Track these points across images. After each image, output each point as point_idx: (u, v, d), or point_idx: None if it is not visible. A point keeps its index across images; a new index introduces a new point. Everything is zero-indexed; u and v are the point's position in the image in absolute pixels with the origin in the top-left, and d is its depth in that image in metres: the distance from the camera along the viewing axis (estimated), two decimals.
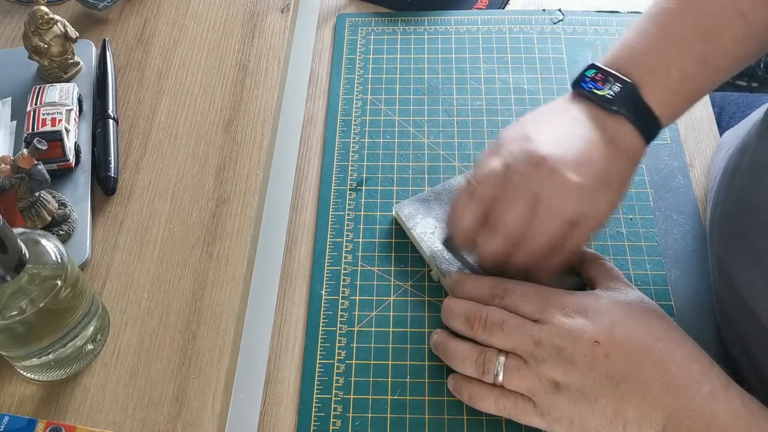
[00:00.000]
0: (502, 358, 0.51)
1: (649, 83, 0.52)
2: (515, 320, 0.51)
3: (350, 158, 0.69)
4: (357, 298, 0.60)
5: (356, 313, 0.59)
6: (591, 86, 0.53)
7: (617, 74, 0.53)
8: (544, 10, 0.79)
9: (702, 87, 0.54)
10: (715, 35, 0.52)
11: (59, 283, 0.46)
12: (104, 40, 0.70)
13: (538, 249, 0.52)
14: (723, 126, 0.74)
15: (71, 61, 0.67)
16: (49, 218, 0.56)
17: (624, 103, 0.52)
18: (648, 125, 0.53)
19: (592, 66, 0.54)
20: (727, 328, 0.56)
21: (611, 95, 0.52)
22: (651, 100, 0.52)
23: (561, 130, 0.53)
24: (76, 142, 0.61)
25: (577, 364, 0.49)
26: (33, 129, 0.59)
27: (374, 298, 0.60)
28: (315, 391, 0.56)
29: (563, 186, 0.50)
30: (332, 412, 0.55)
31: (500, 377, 0.51)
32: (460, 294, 0.56)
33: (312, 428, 0.54)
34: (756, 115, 0.62)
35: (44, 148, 0.52)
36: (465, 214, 0.54)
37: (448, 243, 0.59)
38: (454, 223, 0.56)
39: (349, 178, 0.67)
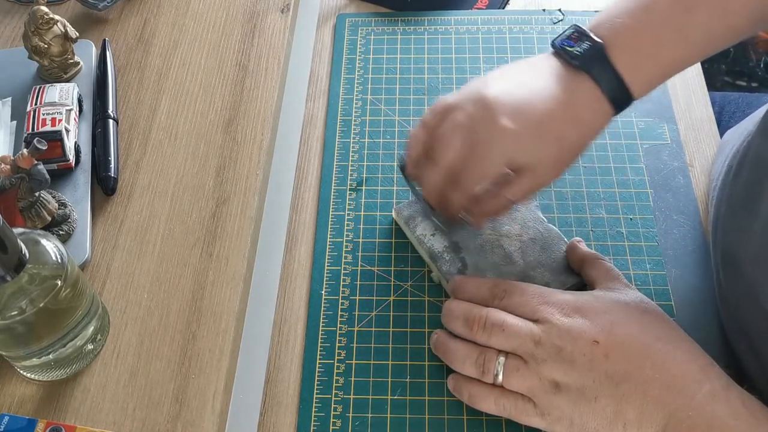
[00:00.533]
0: (501, 359, 0.51)
1: (619, 44, 0.52)
2: (515, 321, 0.51)
3: (350, 158, 0.69)
4: (357, 298, 0.60)
5: (356, 313, 0.59)
6: (565, 44, 0.54)
7: (589, 33, 0.53)
8: (544, 10, 0.79)
9: (677, 57, 0.54)
10: (692, 5, 0.52)
11: (59, 283, 0.46)
12: (104, 40, 0.70)
13: (471, 186, 0.53)
14: (723, 126, 0.74)
15: (71, 61, 0.67)
16: (49, 218, 0.56)
17: (588, 61, 0.52)
18: (612, 87, 0.52)
19: (574, 26, 0.55)
20: (732, 324, 0.56)
21: (578, 52, 0.53)
22: (618, 62, 0.52)
23: (520, 79, 0.54)
24: (76, 142, 0.61)
25: (577, 363, 0.49)
26: (33, 129, 0.59)
27: (374, 298, 0.60)
28: (315, 391, 0.56)
29: (493, 127, 0.51)
30: (332, 412, 0.55)
31: (500, 377, 0.51)
32: (460, 296, 0.56)
33: (312, 428, 0.54)
34: (759, 114, 0.62)
35: (44, 148, 0.52)
36: (414, 141, 0.56)
37: (403, 169, 0.60)
38: (406, 150, 0.58)
39: (349, 178, 0.67)
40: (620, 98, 0.53)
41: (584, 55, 0.53)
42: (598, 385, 0.48)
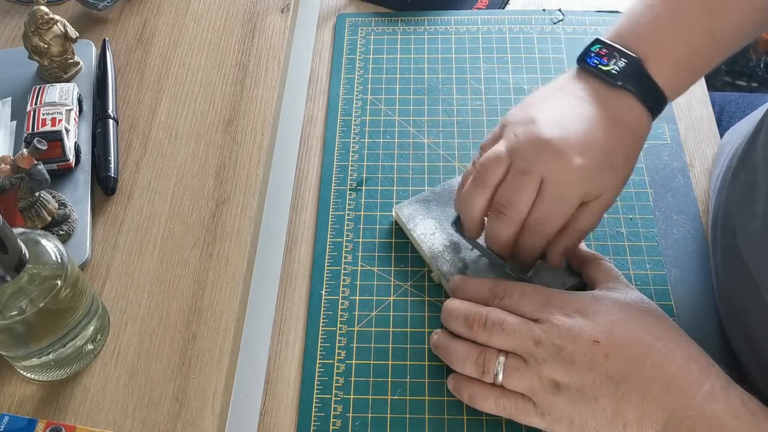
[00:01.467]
0: (502, 358, 0.51)
1: (655, 57, 0.52)
2: (515, 320, 0.51)
3: (350, 158, 0.69)
4: (357, 298, 0.60)
5: (356, 313, 0.59)
6: (596, 61, 0.53)
7: (622, 49, 0.53)
8: (544, 10, 0.79)
9: (709, 61, 0.54)
10: (721, 8, 0.52)
11: (59, 283, 0.46)
12: (104, 40, 0.70)
13: (548, 231, 0.52)
14: (723, 126, 0.74)
15: (71, 61, 0.67)
16: (49, 218, 0.56)
17: (629, 79, 0.52)
18: (653, 100, 0.53)
19: (597, 41, 0.54)
20: (731, 324, 0.56)
21: (616, 71, 0.52)
22: (657, 75, 0.52)
23: (564, 110, 0.53)
24: (76, 142, 0.61)
25: (577, 363, 0.49)
26: (33, 129, 0.59)
27: (374, 298, 0.60)
28: (315, 391, 0.56)
29: (568, 169, 0.50)
30: (332, 412, 0.55)
31: (500, 377, 0.51)
32: (460, 296, 0.56)
33: (312, 428, 0.54)
34: (758, 114, 0.63)
35: (44, 148, 0.52)
36: (473, 202, 0.54)
37: (459, 229, 0.58)
38: (463, 211, 0.56)
39: (349, 178, 0.67)
40: (658, 105, 0.53)
41: (623, 73, 0.52)
42: (598, 385, 0.48)
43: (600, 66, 0.53)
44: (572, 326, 0.50)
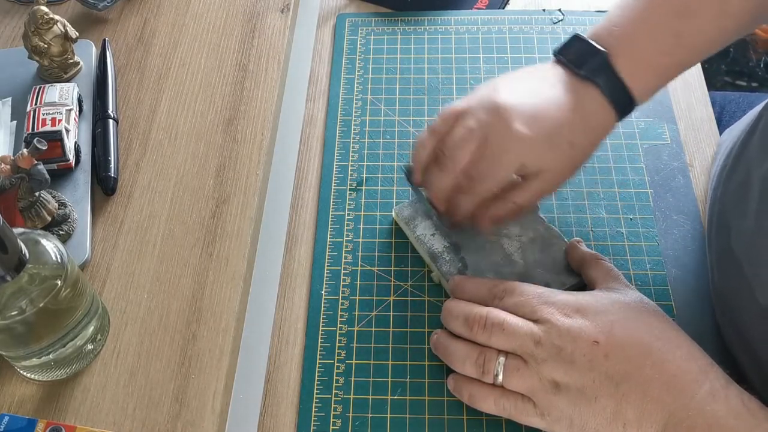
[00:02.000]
0: (501, 359, 0.51)
1: (622, 54, 0.54)
2: (515, 320, 0.51)
3: (350, 158, 0.69)
4: (357, 298, 0.60)
5: (356, 313, 0.59)
6: None
7: (593, 44, 0.54)
8: (544, 10, 0.79)
9: (675, 63, 0.55)
10: (688, 11, 0.53)
11: (59, 283, 0.46)
12: (104, 40, 0.70)
13: (481, 191, 0.54)
14: (724, 125, 0.74)
15: (71, 61, 0.67)
16: (49, 218, 0.56)
17: (594, 70, 0.54)
18: (618, 95, 0.54)
19: (575, 36, 0.56)
20: (727, 323, 0.56)
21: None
22: (623, 71, 0.53)
23: (527, 86, 0.55)
24: (76, 142, 0.61)
25: (577, 364, 0.49)
26: (33, 129, 0.59)
27: (374, 298, 0.60)
28: (315, 391, 0.56)
29: (508, 133, 0.52)
30: (332, 412, 0.55)
31: (500, 377, 0.51)
32: (460, 296, 0.56)
33: (312, 428, 0.54)
34: (753, 113, 0.63)
35: (44, 148, 0.52)
36: (421, 147, 0.57)
37: (409, 176, 0.60)
38: (413, 155, 0.58)
39: (349, 178, 0.67)
40: (624, 104, 0.54)
41: (589, 65, 0.54)
42: (598, 385, 0.48)
43: None
44: (572, 326, 0.50)
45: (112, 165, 0.61)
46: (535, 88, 0.55)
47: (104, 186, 0.60)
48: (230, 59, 0.70)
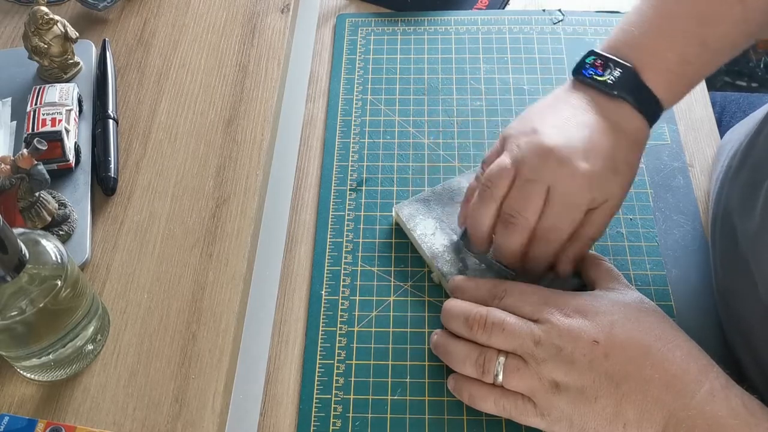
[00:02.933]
0: (502, 359, 0.51)
1: (649, 67, 0.53)
2: (515, 320, 0.51)
3: (350, 158, 0.69)
4: (357, 298, 0.60)
5: (356, 313, 0.59)
6: (591, 73, 0.54)
7: (617, 59, 0.54)
8: (544, 10, 0.79)
9: (701, 69, 0.55)
10: (712, 18, 0.53)
11: (59, 283, 0.46)
12: (104, 40, 0.70)
13: (557, 239, 0.53)
14: (724, 126, 0.74)
15: (71, 61, 0.67)
16: (49, 218, 0.56)
17: (625, 88, 0.53)
18: (650, 108, 0.54)
19: (592, 52, 0.55)
20: (730, 324, 0.56)
21: (612, 80, 0.53)
22: (651, 83, 0.53)
23: (564, 119, 0.53)
24: (76, 143, 0.62)
25: (577, 364, 0.49)
26: (33, 129, 0.59)
27: (374, 298, 0.60)
28: (315, 391, 0.56)
29: (574, 175, 0.51)
30: (332, 412, 0.55)
31: (500, 377, 0.51)
32: (460, 296, 0.56)
33: (312, 428, 0.54)
34: (758, 114, 0.63)
35: (44, 148, 0.52)
36: (480, 216, 0.55)
37: (468, 244, 0.59)
38: (472, 225, 0.56)
39: (349, 178, 0.67)
40: (655, 114, 0.54)
41: (619, 83, 0.53)
42: (598, 386, 0.48)
43: (596, 77, 0.54)
44: (572, 326, 0.50)
45: (112, 165, 0.61)
46: (570, 118, 0.53)
47: (104, 186, 0.60)
48: (230, 59, 0.70)
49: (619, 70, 0.53)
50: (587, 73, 0.54)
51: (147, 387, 0.51)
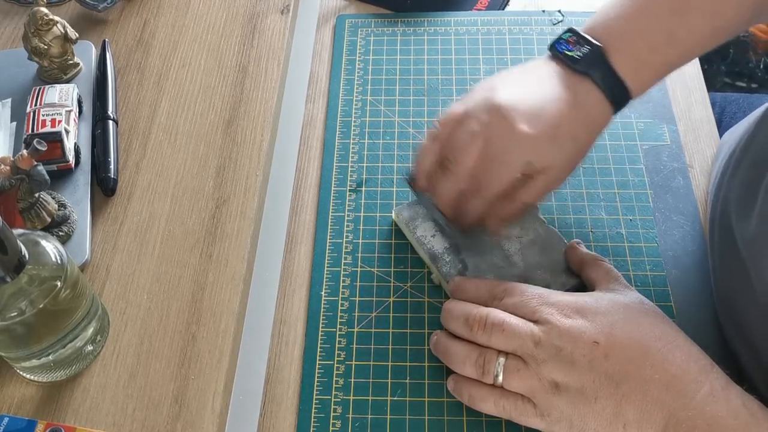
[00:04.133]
0: (501, 359, 0.51)
1: (617, 48, 0.54)
2: (515, 321, 0.51)
3: (350, 159, 0.69)
4: (357, 299, 0.60)
5: (356, 314, 0.59)
6: (564, 48, 0.55)
7: (588, 38, 0.55)
8: (543, 11, 0.79)
9: (669, 59, 0.55)
10: (683, 10, 0.53)
11: (59, 284, 0.46)
12: (104, 41, 0.70)
13: (488, 192, 0.54)
14: (724, 126, 0.74)
15: (71, 62, 0.67)
16: (49, 219, 0.56)
17: (589, 65, 0.54)
18: (614, 90, 0.54)
19: (570, 30, 0.56)
20: (729, 325, 0.56)
21: (579, 56, 0.54)
22: (618, 66, 0.54)
23: (526, 84, 0.55)
24: (75, 143, 0.62)
25: (577, 364, 0.49)
26: (33, 130, 0.59)
27: (374, 299, 0.60)
28: (315, 392, 0.56)
29: (512, 133, 0.52)
30: (332, 413, 0.55)
31: (500, 378, 0.51)
32: (460, 297, 0.56)
33: (312, 429, 0.54)
34: (756, 114, 0.63)
35: (44, 149, 0.52)
36: (424, 154, 0.57)
37: (412, 183, 0.60)
38: (416, 163, 0.58)
39: (348, 179, 0.67)
40: (619, 98, 0.55)
41: (585, 59, 0.54)
42: (598, 386, 0.48)
43: (566, 51, 0.55)
44: (572, 327, 0.50)
45: (111, 166, 0.61)
46: (532, 85, 0.55)
47: (104, 187, 0.60)
48: (230, 60, 0.70)
49: (588, 47, 0.54)
50: (560, 48, 0.56)
51: (147, 387, 0.51)
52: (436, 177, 0.57)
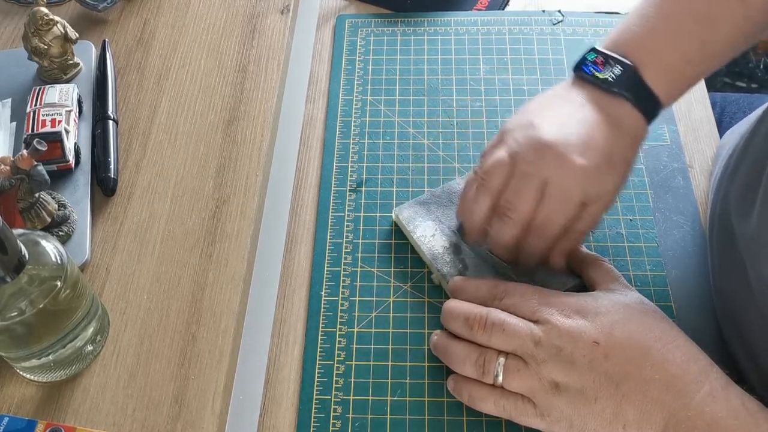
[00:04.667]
0: (502, 359, 0.51)
1: (649, 65, 0.53)
2: (515, 321, 0.51)
3: (350, 159, 0.69)
4: (357, 299, 0.60)
5: (356, 314, 0.59)
6: (592, 69, 0.54)
7: (617, 56, 0.54)
8: (543, 11, 0.79)
9: (701, 69, 0.55)
10: (712, 19, 0.53)
11: (59, 284, 0.46)
12: (104, 41, 0.70)
13: (551, 233, 0.53)
14: (724, 127, 0.74)
15: (71, 62, 0.67)
16: (49, 219, 0.56)
17: (625, 85, 0.53)
18: (649, 105, 0.54)
19: (593, 50, 0.55)
20: (728, 326, 0.56)
21: (612, 78, 0.53)
22: (651, 81, 0.53)
23: (563, 115, 0.54)
24: (75, 143, 0.62)
25: (577, 364, 0.49)
26: (33, 130, 0.59)
27: (374, 299, 0.60)
28: (315, 392, 0.56)
29: (570, 169, 0.51)
30: (332, 413, 0.55)
31: (500, 378, 0.51)
32: (460, 296, 0.56)
33: (312, 429, 0.54)
34: (756, 115, 0.63)
35: (44, 149, 0.52)
36: (476, 207, 0.55)
37: (463, 235, 0.59)
38: (465, 217, 0.57)
39: (348, 179, 0.67)
40: (653, 112, 0.54)
41: (619, 81, 0.53)
42: (598, 386, 0.48)
43: (596, 74, 0.54)
44: (572, 327, 0.50)
45: (111, 166, 0.61)
46: (570, 114, 0.54)
47: (104, 187, 0.60)
48: (230, 60, 0.70)
49: (619, 67, 0.53)
50: (587, 70, 0.54)
51: (147, 388, 0.51)
52: (490, 226, 0.55)
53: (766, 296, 0.50)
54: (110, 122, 0.64)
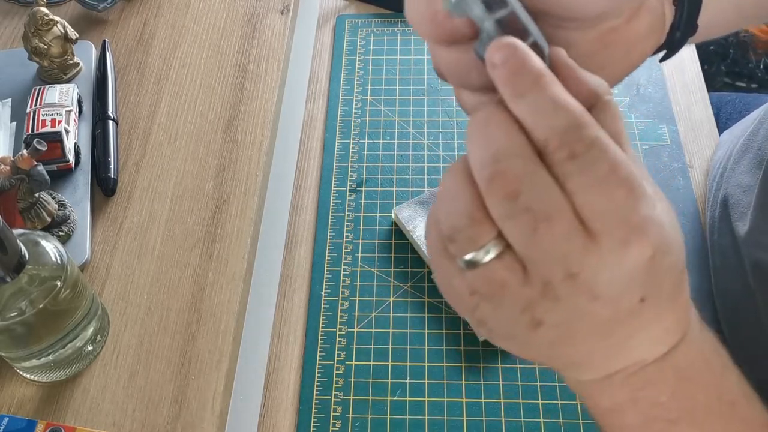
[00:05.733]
0: (492, 248, 0.30)
1: None
2: (565, 220, 0.29)
3: (350, 159, 0.69)
4: (357, 299, 0.60)
5: (356, 314, 0.59)
6: None
7: None
8: None
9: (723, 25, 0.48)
10: None
11: (59, 284, 0.46)
12: (104, 41, 0.70)
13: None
14: (720, 127, 0.74)
15: (71, 62, 0.67)
16: (49, 219, 0.56)
17: None
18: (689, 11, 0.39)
19: None
20: (727, 324, 0.56)
21: None
22: None
23: None
24: (75, 143, 0.61)
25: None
26: (33, 130, 0.59)
27: (374, 299, 0.60)
28: (315, 392, 0.56)
29: None
30: (332, 413, 0.55)
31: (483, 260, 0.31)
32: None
33: (312, 429, 0.54)
34: (755, 115, 0.63)
35: (44, 149, 0.52)
36: None
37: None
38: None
39: (348, 179, 0.67)
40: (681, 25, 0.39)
41: None
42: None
43: None
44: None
45: (111, 166, 0.61)
46: None
47: (104, 187, 0.60)
48: (230, 60, 0.70)
49: None
50: None
51: (147, 388, 0.51)
52: None
53: (766, 295, 0.50)
54: (110, 122, 0.64)
